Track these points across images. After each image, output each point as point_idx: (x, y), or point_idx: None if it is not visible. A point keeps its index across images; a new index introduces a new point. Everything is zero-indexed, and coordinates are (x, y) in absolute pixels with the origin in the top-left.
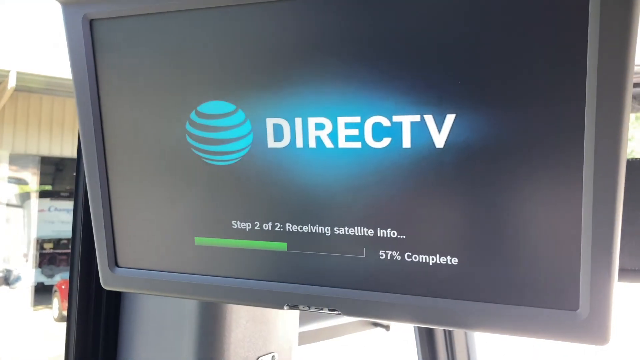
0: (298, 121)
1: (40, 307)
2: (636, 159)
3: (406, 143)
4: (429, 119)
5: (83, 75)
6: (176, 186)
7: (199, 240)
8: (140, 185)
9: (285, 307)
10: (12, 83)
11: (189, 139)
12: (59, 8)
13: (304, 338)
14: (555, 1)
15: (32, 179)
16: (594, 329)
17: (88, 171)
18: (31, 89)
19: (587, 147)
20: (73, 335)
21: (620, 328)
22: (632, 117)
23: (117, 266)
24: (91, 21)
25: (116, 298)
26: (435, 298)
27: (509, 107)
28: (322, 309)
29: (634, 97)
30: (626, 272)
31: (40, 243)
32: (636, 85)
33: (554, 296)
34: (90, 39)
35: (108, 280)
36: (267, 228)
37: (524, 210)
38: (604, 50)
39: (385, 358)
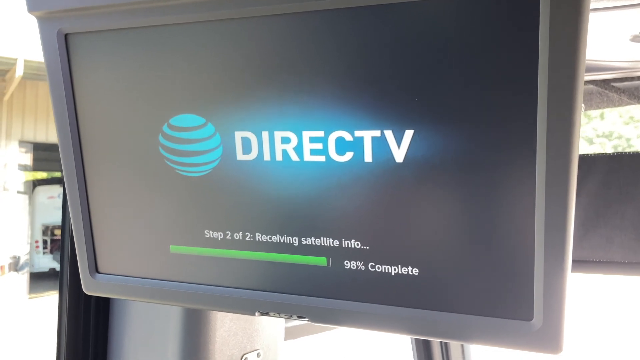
0: (265, 135)
1: (52, 292)
2: (592, 154)
3: (368, 157)
4: (389, 134)
5: (59, 87)
6: (151, 196)
7: (174, 249)
8: (117, 195)
9: (256, 314)
10: (19, 71)
11: (162, 151)
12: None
13: (292, 333)
14: (506, 22)
15: (41, 166)
16: (547, 338)
17: (67, 181)
18: (39, 76)
19: (539, 159)
20: (64, 338)
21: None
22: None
23: (98, 272)
24: (66, 35)
25: (105, 300)
26: (398, 307)
27: (464, 123)
28: (291, 316)
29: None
30: (581, 264)
31: (51, 229)
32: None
33: (510, 307)
34: (66, 52)
35: (89, 286)
36: (238, 237)
37: (480, 222)
38: (554, 64)
39: (375, 351)
